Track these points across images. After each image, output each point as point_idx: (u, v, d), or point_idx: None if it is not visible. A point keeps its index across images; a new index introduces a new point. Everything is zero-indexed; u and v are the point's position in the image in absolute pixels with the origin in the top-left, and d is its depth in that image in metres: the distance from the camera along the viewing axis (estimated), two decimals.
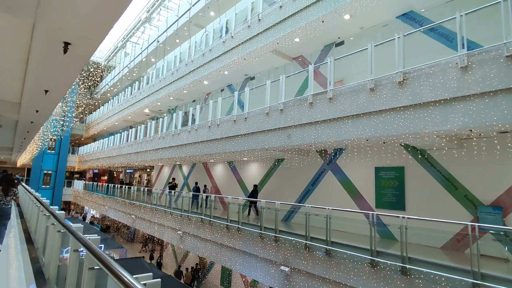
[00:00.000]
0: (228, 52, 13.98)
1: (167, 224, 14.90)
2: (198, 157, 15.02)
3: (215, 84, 17.25)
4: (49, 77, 4.27)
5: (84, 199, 31.59)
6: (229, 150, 11.89)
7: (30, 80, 4.55)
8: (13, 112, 6.62)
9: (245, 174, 15.46)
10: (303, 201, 12.13)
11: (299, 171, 12.47)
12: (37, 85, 4.67)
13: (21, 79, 4.82)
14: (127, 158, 22.14)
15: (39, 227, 5.61)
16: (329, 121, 8.25)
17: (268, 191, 13.91)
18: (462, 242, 7.61)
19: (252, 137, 10.83)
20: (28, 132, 9.41)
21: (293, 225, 11.89)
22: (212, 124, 13.16)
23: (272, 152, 11.77)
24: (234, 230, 10.64)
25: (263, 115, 10.49)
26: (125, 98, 26.74)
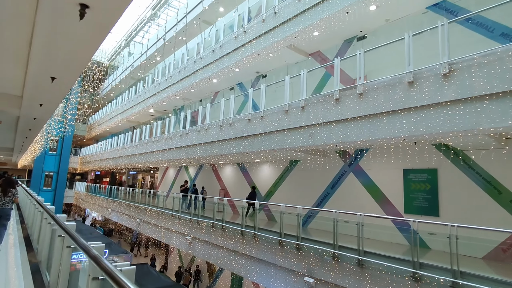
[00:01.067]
0: (240, 48, 13.30)
1: (175, 229, 14.17)
2: (208, 158, 14.31)
3: (225, 82, 16.57)
4: (58, 59, 3.58)
5: (86, 201, 30.87)
6: (243, 150, 11.18)
7: (34, 65, 3.87)
8: (14, 107, 5.93)
9: (257, 176, 14.74)
10: (321, 205, 11.41)
11: (316, 173, 11.75)
12: (42, 71, 3.98)
13: (23, 66, 4.14)
14: (131, 159, 21.45)
15: (42, 236, 4.91)
16: (359, 118, 7.54)
17: (283, 194, 13.18)
18: (510, 252, 6.89)
19: (269, 136, 10.13)
20: (30, 131, 8.71)
21: (311, 231, 11.17)
22: (224, 124, 12.46)
23: (287, 153, 11.06)
24: (250, 237, 9.92)
25: (282, 113, 9.79)
26: (129, 98, 26.09)
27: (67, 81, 4.33)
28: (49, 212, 3.77)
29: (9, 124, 8.23)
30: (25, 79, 4.79)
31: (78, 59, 3.56)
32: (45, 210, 3.83)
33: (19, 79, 4.87)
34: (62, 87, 4.53)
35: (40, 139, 15.28)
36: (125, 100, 26.90)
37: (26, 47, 3.60)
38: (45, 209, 3.85)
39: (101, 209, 26.15)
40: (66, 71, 3.93)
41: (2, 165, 39.43)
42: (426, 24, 7.90)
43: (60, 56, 3.55)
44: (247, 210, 12.78)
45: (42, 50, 3.49)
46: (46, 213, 4.30)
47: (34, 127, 8.25)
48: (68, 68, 3.83)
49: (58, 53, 3.48)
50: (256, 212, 10.27)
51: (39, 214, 5.95)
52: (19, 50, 3.68)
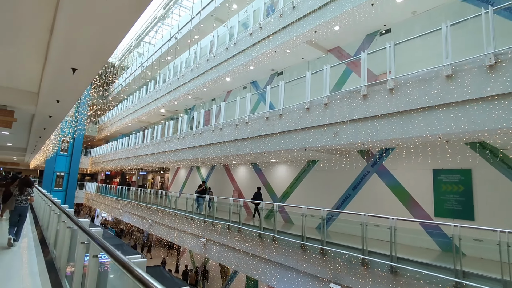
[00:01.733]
0: (256, 44, 12.92)
1: (189, 231, 13.84)
2: (222, 158, 13.96)
3: (238, 81, 16.21)
4: (81, 47, 3.23)
5: (97, 201, 30.88)
6: (260, 150, 10.78)
7: (55, 55, 3.54)
8: (30, 104, 5.66)
9: (272, 177, 14.32)
10: (342, 207, 10.93)
11: (336, 174, 11.28)
12: (62, 62, 3.64)
13: (42, 57, 3.83)
14: (143, 160, 21.25)
15: (60, 242, 4.59)
16: (390, 115, 7.07)
17: (300, 195, 12.74)
18: None
19: (289, 135, 9.71)
20: (45, 130, 8.46)
21: (331, 234, 10.70)
22: (239, 122, 12.09)
23: (307, 153, 10.63)
24: (269, 240, 9.51)
25: (303, 111, 9.36)
26: (140, 98, 25.96)
27: (89, 73, 3.98)
28: (79, 225, 3.39)
29: (23, 123, 8.00)
30: (43, 73, 4.48)
31: (103, 46, 3.21)
32: (76, 224, 3.41)
33: (37, 72, 4.57)
34: (82, 80, 4.19)
35: (54, 139, 15.13)
36: (136, 100, 26.78)
37: (46, 34, 3.27)
38: (76, 223, 3.43)
39: (112, 209, 26.05)
40: (90, 60, 3.58)
41: (15, 165, 39.88)
42: (454, 17, 7.39)
43: (84, 44, 3.20)
44: (253, 211, 12.85)
45: (64, 37, 3.15)
46: (74, 224, 3.95)
47: (49, 126, 7.99)
48: (92, 57, 3.48)
49: (82, 40, 3.13)
50: (275, 215, 9.86)
51: (58, 219, 5.64)
52: (39, 38, 3.36)
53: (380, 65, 9.68)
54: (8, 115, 5.79)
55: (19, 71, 4.90)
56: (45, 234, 7.62)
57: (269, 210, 13.67)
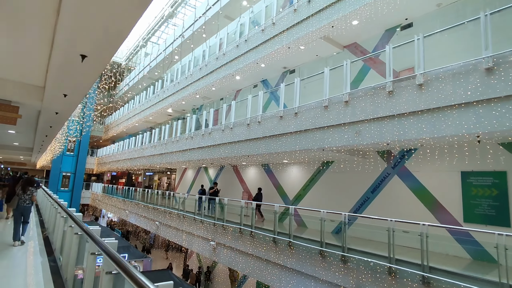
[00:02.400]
0: (268, 41, 12.46)
1: (198, 233, 13.40)
2: (232, 159, 13.51)
3: (248, 79, 15.77)
4: (91, 30, 2.76)
5: (103, 202, 30.64)
6: (274, 150, 10.30)
7: (62, 40, 3.09)
8: (35, 99, 5.27)
9: (284, 179, 13.82)
10: (360, 210, 10.40)
11: (354, 176, 10.76)
12: (70, 48, 3.18)
13: (48, 43, 3.40)
14: (150, 160, 20.91)
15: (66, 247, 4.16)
16: (420, 112, 6.54)
17: (313, 198, 12.23)
18: None
19: (306, 135, 9.21)
20: (51, 128, 8.09)
21: (348, 239, 10.17)
22: (251, 122, 11.63)
23: (325, 153, 10.13)
24: (284, 245, 9.01)
25: (320, 109, 8.87)
26: (146, 98, 25.67)
27: (100, 60, 3.54)
28: (103, 247, 2.77)
29: (29, 121, 7.63)
30: (49, 62, 4.07)
31: (117, 29, 2.77)
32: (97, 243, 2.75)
33: (42, 62, 4.17)
34: (92, 69, 3.76)
35: (61, 137, 14.82)
36: (143, 100, 26.50)
37: (53, 16, 2.85)
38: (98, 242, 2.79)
39: (118, 210, 25.76)
40: (101, 46, 3.12)
41: (22, 165, 39.91)
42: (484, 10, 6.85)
43: (95, 26, 2.77)
44: (259, 213, 12.40)
45: (72, 18, 2.72)
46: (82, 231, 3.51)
47: (55, 124, 7.60)
48: (103, 41, 3.02)
49: (92, 22, 2.70)
50: (290, 218, 9.37)
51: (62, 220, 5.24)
52: (44, 21, 2.94)
53: (401, 61, 9.18)
54: (13, 111, 5.41)
55: (24, 62, 4.50)
56: (52, 240, 7.23)
57: (281, 213, 13.20)
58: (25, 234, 6.77)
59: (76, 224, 3.55)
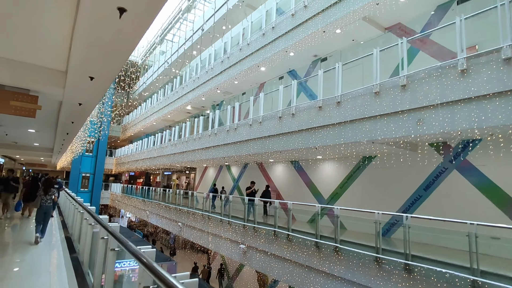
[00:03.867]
0: (299, 26, 11.43)
1: (225, 236, 12.56)
2: (263, 155, 12.58)
3: (274, 70, 14.79)
4: None
5: (123, 202, 30.39)
6: (312, 144, 9.29)
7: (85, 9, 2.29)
8: (56, 85, 4.49)
9: (317, 176, 12.78)
10: (410, 210, 9.27)
11: (401, 172, 9.63)
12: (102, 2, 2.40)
13: (71, 12, 2.58)
14: (170, 159, 20.26)
15: None
16: (510, 93, 5.39)
17: (352, 197, 11.16)
18: None
19: (352, 126, 8.16)
20: (73, 123, 7.37)
21: (395, 242, 9.08)
22: (284, 114, 10.65)
23: (361, 147, 9.06)
24: (330, 250, 8.01)
25: (370, 96, 7.79)
26: (165, 96, 25.11)
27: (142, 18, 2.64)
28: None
29: (49, 116, 6.92)
30: (72, 36, 3.25)
31: None
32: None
33: (65, 41, 3.37)
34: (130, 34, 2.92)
35: (82, 135, 14.26)
36: (161, 98, 25.96)
37: None
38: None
39: (138, 211, 25.33)
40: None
41: (43, 167, 40.37)
42: None
43: None
44: (263, 209, 12.28)
45: None
46: None
47: (77, 118, 6.84)
48: None
49: None
50: (337, 221, 8.34)
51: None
52: None
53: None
54: (32, 101, 4.66)
55: (43, 38, 3.70)
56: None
57: (314, 213, 12.19)
58: (45, 231, 7.30)
59: (116, 239, 2.69)
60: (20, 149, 16.48)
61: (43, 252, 5.98)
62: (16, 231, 8.86)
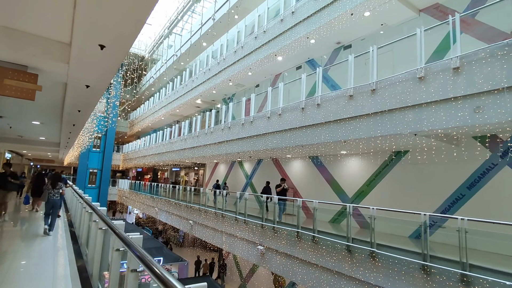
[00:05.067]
0: (323, 9, 10.49)
1: (241, 235, 11.77)
2: (279, 150, 11.73)
3: (291, 60, 13.88)
4: None
5: (130, 199, 29.85)
6: (342, 138, 8.40)
7: None
8: (59, 61, 3.70)
9: (340, 173, 11.89)
10: (451, 211, 8.34)
11: (438, 168, 8.70)
12: None
13: None
14: (180, 155, 19.52)
15: None
16: None
17: (381, 195, 10.25)
18: None
19: (391, 116, 7.24)
20: (80, 113, 6.59)
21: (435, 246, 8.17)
22: (307, 105, 9.77)
23: (390, 141, 8.14)
24: (365, 256, 7.14)
25: (413, 82, 6.86)
26: (174, 89, 24.34)
27: None
28: None
29: (53, 102, 6.11)
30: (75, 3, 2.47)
31: None
32: None
33: (68, 3, 2.59)
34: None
35: (90, 126, 13.53)
36: (169, 92, 25.20)
37: None
38: None
39: (146, 208, 24.72)
40: None
41: (50, 163, 40.14)
42: None
43: None
44: (265, 205, 11.57)
45: None
46: None
47: (85, 106, 6.06)
48: None
49: None
50: (373, 223, 7.46)
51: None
52: None
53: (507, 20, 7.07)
54: (30, 80, 3.85)
55: (45, 7, 2.89)
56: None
57: (338, 212, 11.33)
58: (54, 225, 7.62)
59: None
60: (26, 143, 15.87)
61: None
62: (19, 233, 8.15)
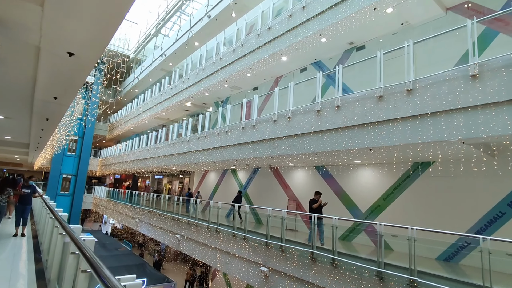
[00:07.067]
0: (341, 3, 9.51)
1: (240, 254, 10.34)
2: (295, 158, 10.51)
3: (295, 61, 12.85)
4: None
5: (108, 208, 27.46)
6: (371, 144, 7.29)
7: None
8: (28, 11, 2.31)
9: (351, 185, 10.79)
10: (488, 231, 7.38)
11: (471, 182, 7.77)
12: None
13: None
14: (167, 161, 17.84)
15: None
16: None
17: (401, 212, 9.21)
18: None
19: (435, 120, 6.20)
20: (56, 101, 5.04)
21: (466, 269, 7.17)
22: (325, 107, 8.65)
23: (410, 150, 7.17)
24: (403, 285, 5.96)
25: (463, 80, 5.88)
26: (160, 90, 22.71)
27: None
28: None
29: (20, 80, 4.54)
30: None
31: None
32: None
33: None
34: None
35: (69, 120, 11.67)
36: (156, 93, 23.53)
37: None
38: None
39: (126, 218, 22.60)
40: None
41: (18, 166, 36.80)
42: None
43: None
44: (233, 214, 11.82)
45: None
46: None
47: (65, 90, 4.56)
48: None
49: None
50: (411, 245, 6.32)
51: None
52: None
53: None
54: None
55: None
56: None
57: (349, 229, 10.17)
58: None
59: None
60: None
61: None
62: None
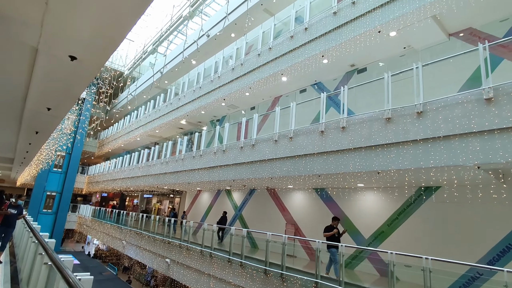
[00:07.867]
0: (342, 26, 9.54)
1: (236, 283, 9.65)
2: (289, 179, 10.12)
3: (295, 82, 12.77)
4: None
5: (92, 228, 26.11)
6: (379, 168, 6.99)
7: None
8: None
9: (353, 209, 10.41)
10: (500, 263, 7.03)
11: (479, 209, 7.51)
12: None
13: None
14: (159, 180, 17.17)
15: None
16: None
17: (406, 238, 8.82)
18: None
19: (448, 144, 5.97)
20: (50, 111, 4.56)
21: None
22: (329, 128, 8.40)
23: (420, 175, 6.93)
24: None
25: (477, 104, 5.72)
26: (155, 108, 22.34)
27: None
28: None
29: (10, 88, 4.04)
30: None
31: None
32: None
33: None
34: None
35: (59, 137, 11.07)
36: (150, 110, 23.13)
37: None
38: None
39: (111, 239, 21.43)
40: None
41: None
42: None
43: None
44: (218, 235, 12.45)
45: None
46: None
47: (59, 102, 4.13)
48: None
49: None
50: (426, 274, 5.89)
51: None
52: None
53: None
54: None
55: None
56: None
57: (352, 256, 9.68)
58: None
59: None
60: None
61: None
62: None
